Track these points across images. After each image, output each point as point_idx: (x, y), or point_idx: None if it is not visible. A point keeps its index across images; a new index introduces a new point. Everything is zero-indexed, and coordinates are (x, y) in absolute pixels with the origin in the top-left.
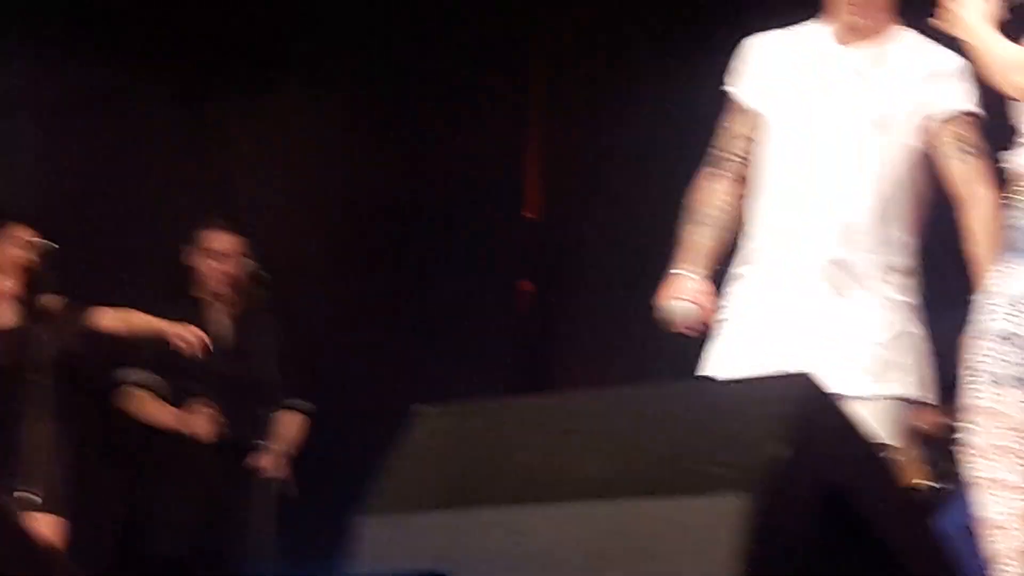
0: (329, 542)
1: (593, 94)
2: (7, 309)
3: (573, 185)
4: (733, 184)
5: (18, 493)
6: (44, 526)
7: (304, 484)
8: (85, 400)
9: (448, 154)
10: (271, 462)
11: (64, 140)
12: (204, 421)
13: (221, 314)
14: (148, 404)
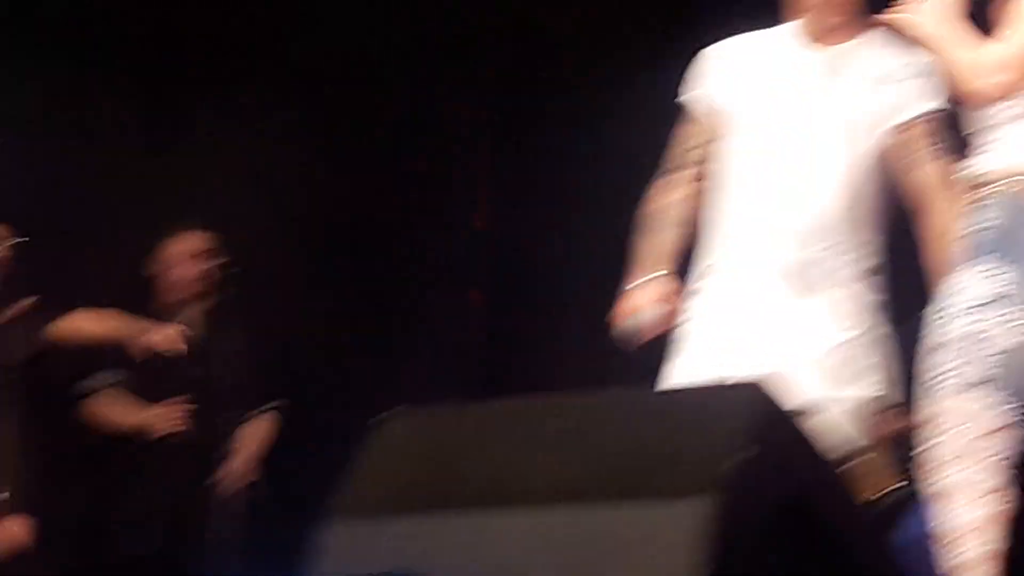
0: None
1: (544, 104)
2: None
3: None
4: (689, 194)
5: None
6: (11, 525)
7: (269, 488)
8: (53, 400)
9: (402, 165)
10: (239, 467)
11: (30, 144)
12: (169, 419)
13: (189, 316)
14: (115, 405)
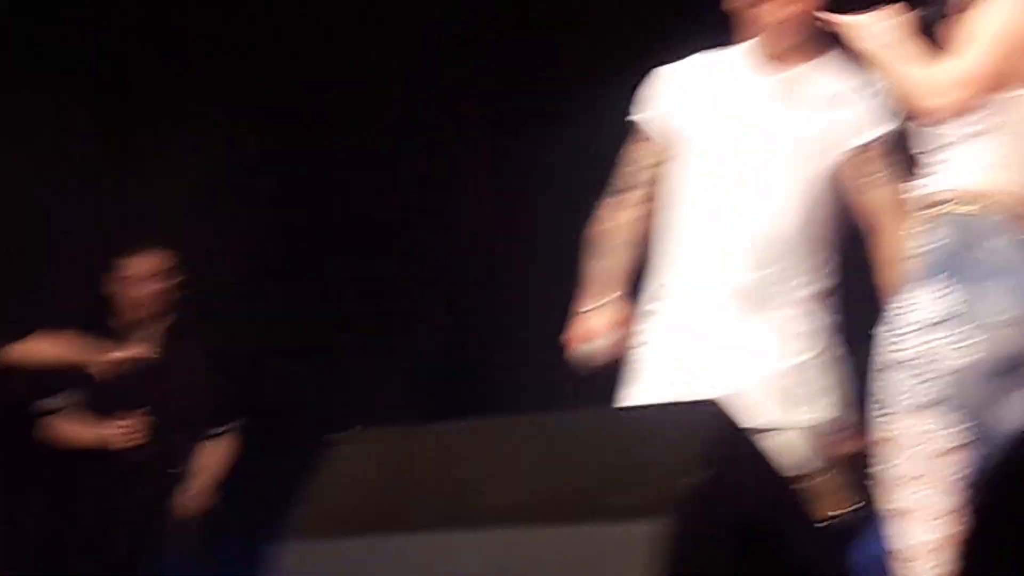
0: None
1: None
2: None
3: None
4: (639, 214)
5: None
6: None
7: (226, 507)
8: (12, 419)
9: (371, 174)
10: (199, 489)
11: None
12: (127, 433)
13: (147, 335)
14: (73, 423)
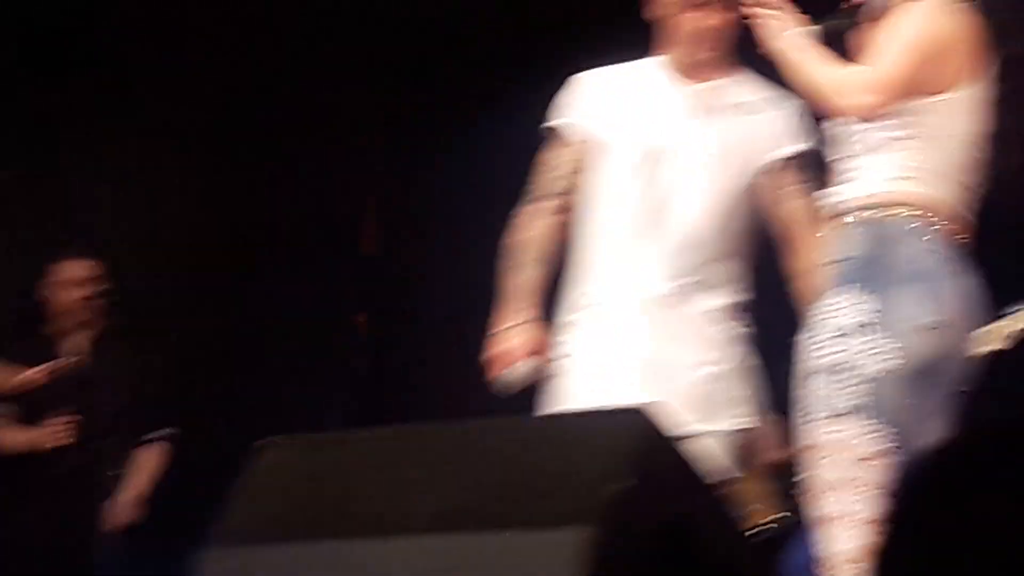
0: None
1: (430, 129)
2: None
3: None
4: (555, 224)
5: None
6: None
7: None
8: None
9: (288, 188)
10: (129, 498)
11: None
12: (57, 433)
13: (76, 343)
14: (2, 432)
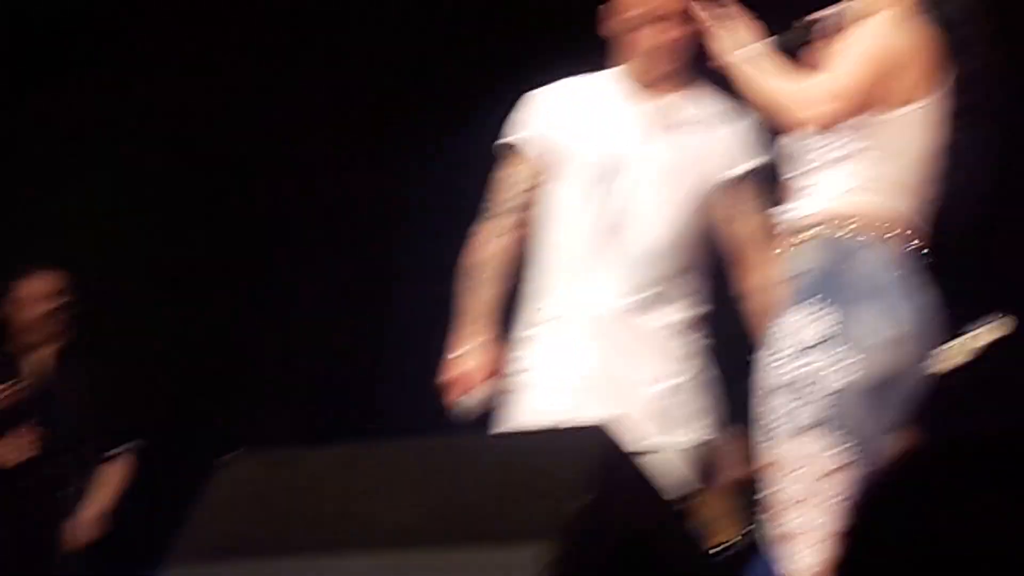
0: None
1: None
2: None
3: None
4: (513, 240)
5: None
6: None
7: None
8: None
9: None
10: (92, 513)
11: None
12: (18, 447)
13: (39, 358)
14: None
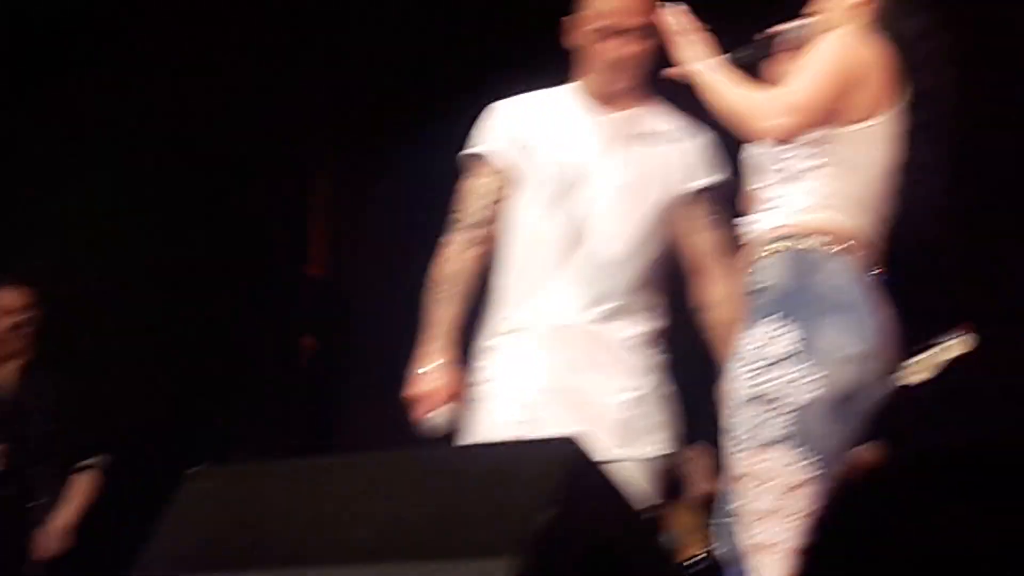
0: None
1: (378, 150)
2: None
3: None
4: (479, 251)
5: None
6: None
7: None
8: None
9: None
10: (60, 526)
11: None
12: None
13: (7, 372)
14: None
